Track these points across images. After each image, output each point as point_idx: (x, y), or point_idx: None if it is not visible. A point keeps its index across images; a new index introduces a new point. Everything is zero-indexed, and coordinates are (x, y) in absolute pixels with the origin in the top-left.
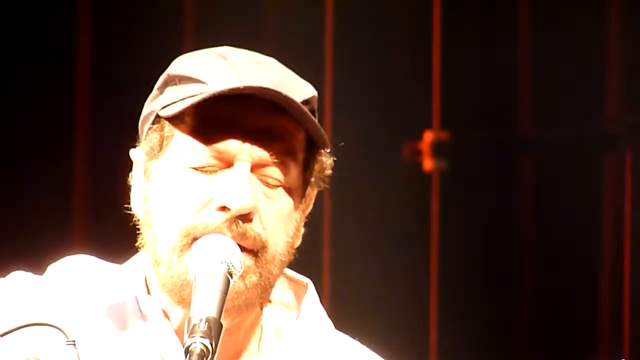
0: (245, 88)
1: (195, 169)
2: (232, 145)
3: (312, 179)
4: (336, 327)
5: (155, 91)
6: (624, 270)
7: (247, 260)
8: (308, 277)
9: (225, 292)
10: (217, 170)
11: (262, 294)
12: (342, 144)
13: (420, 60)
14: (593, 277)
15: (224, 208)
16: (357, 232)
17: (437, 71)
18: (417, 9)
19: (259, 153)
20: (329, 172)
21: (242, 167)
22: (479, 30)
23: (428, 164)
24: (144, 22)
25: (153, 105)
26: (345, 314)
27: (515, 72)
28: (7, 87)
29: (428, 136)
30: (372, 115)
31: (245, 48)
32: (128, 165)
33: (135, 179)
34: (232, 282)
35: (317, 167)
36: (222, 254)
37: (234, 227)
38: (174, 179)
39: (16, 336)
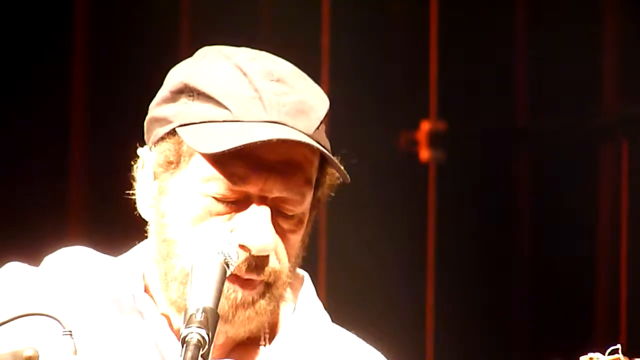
0: (278, 141)
1: (215, 198)
2: (253, 180)
3: (323, 194)
4: (332, 318)
5: (167, 93)
6: (620, 260)
7: (259, 289)
8: (304, 268)
9: (222, 282)
10: (236, 200)
11: (271, 315)
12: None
13: (417, 49)
14: (590, 266)
15: (243, 247)
16: (353, 222)
17: (435, 61)
18: None
19: (280, 188)
20: (337, 181)
21: (263, 205)
22: (477, 21)
23: (425, 154)
24: (142, 10)
25: (167, 111)
26: (342, 305)
27: (512, 63)
28: (4, 82)
29: (425, 126)
30: (369, 105)
31: (243, 39)
32: (124, 158)
33: (142, 177)
34: (228, 272)
35: (327, 181)
36: (219, 245)
37: (252, 264)
38: (193, 205)
39: (12, 327)
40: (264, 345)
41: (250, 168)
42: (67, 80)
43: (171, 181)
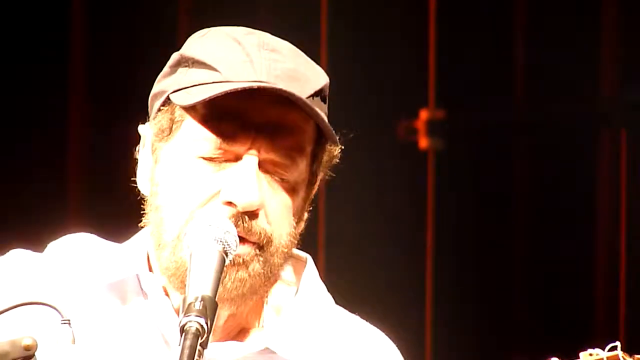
0: (259, 88)
1: (204, 158)
2: (241, 139)
3: (320, 169)
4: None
5: (167, 69)
6: (620, 248)
7: (251, 251)
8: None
9: (221, 271)
10: (225, 161)
11: (266, 282)
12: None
13: (416, 38)
14: (589, 254)
15: (230, 203)
16: (352, 210)
17: (433, 49)
18: None
19: (268, 148)
20: (336, 160)
21: (250, 162)
22: (476, 10)
23: (424, 142)
24: None
25: (164, 84)
26: (340, 291)
27: (511, 51)
28: (3, 69)
29: (424, 115)
30: (368, 94)
31: (242, 24)
32: (125, 142)
33: (142, 155)
34: (227, 261)
35: (325, 157)
36: (217, 233)
37: (239, 222)
38: (182, 167)
39: (11, 315)
40: (268, 328)
41: (239, 128)
42: (65, 67)
43: (165, 148)
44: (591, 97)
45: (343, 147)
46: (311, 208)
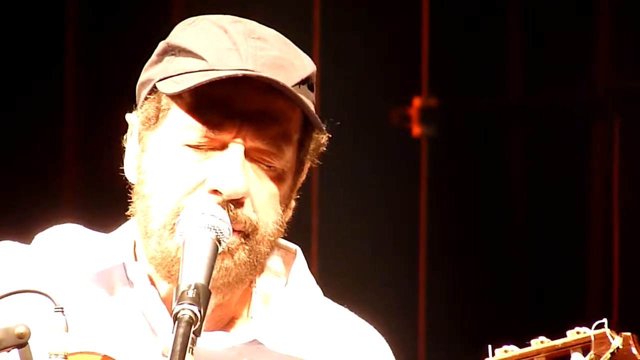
0: (244, 76)
1: (190, 146)
2: (227, 127)
3: (307, 157)
4: (325, 293)
5: (154, 57)
6: (613, 235)
7: (236, 239)
8: (296, 243)
9: (214, 258)
10: (211, 149)
11: (252, 271)
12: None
13: (409, 26)
14: (583, 242)
15: (215, 191)
16: (345, 197)
17: (426, 37)
18: None
19: (254, 136)
20: (323, 148)
21: (236, 150)
22: None
23: (417, 129)
24: None
25: (151, 72)
26: (334, 280)
27: (504, 39)
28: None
29: (417, 102)
30: (361, 81)
31: (236, 12)
32: (117, 131)
33: (129, 143)
34: (220, 249)
35: (312, 145)
36: (211, 221)
37: (225, 209)
38: (168, 156)
39: (4, 303)
40: (257, 319)
41: (225, 116)
42: (60, 60)
43: (151, 137)
44: (585, 85)
45: (337, 135)
46: (299, 196)
